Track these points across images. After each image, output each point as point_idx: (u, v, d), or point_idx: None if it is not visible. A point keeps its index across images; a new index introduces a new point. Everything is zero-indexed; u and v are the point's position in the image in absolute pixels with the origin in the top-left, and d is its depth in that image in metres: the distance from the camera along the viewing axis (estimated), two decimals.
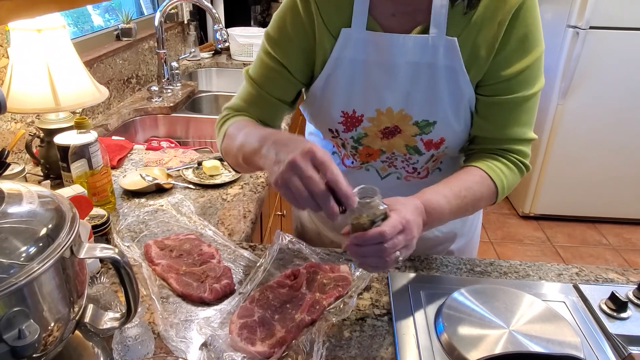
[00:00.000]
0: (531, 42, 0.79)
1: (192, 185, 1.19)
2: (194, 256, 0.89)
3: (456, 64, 0.79)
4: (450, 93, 0.82)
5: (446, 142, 0.86)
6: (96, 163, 1.04)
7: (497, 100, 0.82)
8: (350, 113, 0.87)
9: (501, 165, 0.85)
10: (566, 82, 2.67)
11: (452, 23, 0.78)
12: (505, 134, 0.85)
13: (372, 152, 0.92)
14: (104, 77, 1.74)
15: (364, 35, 0.81)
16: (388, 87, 0.83)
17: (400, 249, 0.68)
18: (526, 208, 3.08)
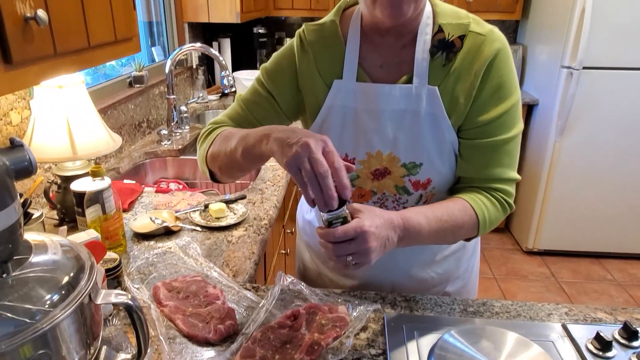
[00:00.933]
0: (505, 90, 0.86)
1: (198, 228, 1.25)
2: (200, 297, 0.94)
3: (437, 110, 0.87)
4: (434, 137, 0.88)
5: (433, 182, 0.93)
6: (109, 208, 1.10)
7: (477, 143, 0.89)
8: (343, 156, 0.93)
9: (485, 200, 0.90)
10: (562, 120, 2.75)
11: (433, 74, 0.86)
12: (488, 175, 0.90)
13: (364, 193, 0.98)
14: (117, 122, 1.83)
15: (354, 86, 0.90)
16: (377, 132, 0.90)
17: (351, 254, 0.73)
18: (530, 243, 3.09)
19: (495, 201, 0.91)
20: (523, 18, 3.26)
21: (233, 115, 0.99)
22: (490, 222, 0.90)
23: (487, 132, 0.88)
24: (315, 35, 0.93)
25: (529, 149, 3.12)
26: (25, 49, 0.77)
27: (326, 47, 0.92)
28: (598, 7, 2.52)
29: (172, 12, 2.62)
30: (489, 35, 0.85)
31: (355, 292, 0.99)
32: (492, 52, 0.84)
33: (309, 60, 0.92)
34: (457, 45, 0.85)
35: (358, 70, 0.90)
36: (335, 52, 0.91)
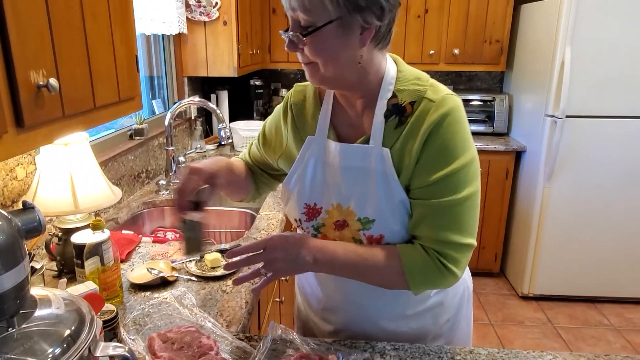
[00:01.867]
0: (450, 152, 0.88)
1: (194, 278, 1.28)
2: (193, 348, 0.96)
3: (388, 169, 0.93)
4: (385, 195, 0.94)
5: (385, 238, 0.96)
6: (107, 259, 1.14)
7: (423, 204, 0.91)
8: (311, 205, 1.02)
9: (421, 255, 0.91)
10: (550, 167, 2.83)
11: (387, 136, 0.94)
12: (434, 236, 0.90)
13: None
14: (117, 174, 1.89)
15: (323, 142, 1.00)
16: (337, 186, 0.98)
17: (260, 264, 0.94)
18: (525, 288, 3.10)
19: (434, 261, 0.90)
20: (508, 69, 3.43)
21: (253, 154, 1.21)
22: (421, 277, 0.91)
23: (433, 193, 0.90)
24: (300, 96, 1.06)
25: (519, 195, 3.19)
26: (37, 114, 0.83)
27: (306, 106, 1.04)
28: (577, 59, 2.67)
29: (172, 67, 2.75)
30: (439, 102, 0.89)
31: (346, 341, 1.02)
32: (438, 117, 0.88)
33: (291, 119, 1.05)
34: (408, 110, 0.92)
35: (330, 128, 1.00)
36: (312, 111, 1.03)
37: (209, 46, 2.71)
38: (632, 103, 2.73)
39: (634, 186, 2.85)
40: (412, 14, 3.24)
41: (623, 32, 2.63)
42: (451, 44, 3.30)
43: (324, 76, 0.90)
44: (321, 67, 0.89)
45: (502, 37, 3.26)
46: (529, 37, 3.13)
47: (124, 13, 1.13)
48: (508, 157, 3.15)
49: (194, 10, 2.60)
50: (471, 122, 3.32)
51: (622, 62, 2.67)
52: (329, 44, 0.86)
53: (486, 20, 3.25)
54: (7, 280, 0.54)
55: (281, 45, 3.36)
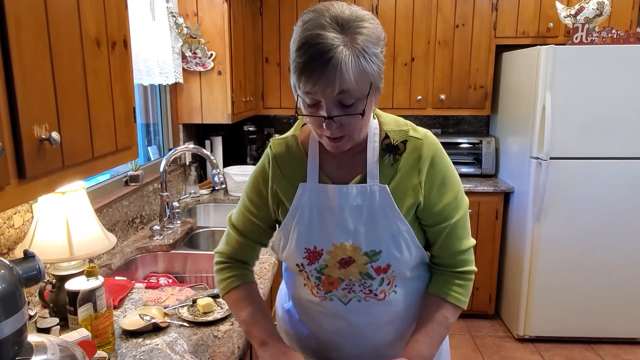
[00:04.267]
0: (449, 181, 1.03)
1: (186, 324, 1.29)
2: None
3: (389, 204, 1.00)
4: (388, 227, 1.01)
5: (392, 267, 1.04)
6: (100, 306, 1.15)
7: (438, 229, 1.04)
8: (312, 249, 1.05)
9: (453, 283, 1.07)
10: (537, 207, 2.89)
11: (383, 173, 1.01)
12: (453, 250, 1.06)
13: (333, 281, 1.07)
14: (112, 220, 1.92)
15: (317, 187, 1.04)
16: (339, 226, 1.02)
17: None
18: (520, 330, 3.08)
19: (461, 276, 1.07)
20: (493, 113, 3.55)
21: (232, 243, 1.16)
22: (465, 296, 1.08)
23: (444, 218, 1.03)
24: (280, 148, 1.09)
25: (509, 235, 3.23)
26: (38, 165, 0.87)
27: (290, 156, 1.08)
28: (557, 104, 2.78)
29: (168, 114, 2.83)
30: (425, 139, 1.02)
31: None
32: (430, 154, 1.01)
33: (278, 170, 1.08)
34: (400, 148, 1.02)
35: (319, 173, 1.05)
36: (298, 160, 1.07)
37: (204, 94, 2.80)
38: (612, 145, 2.82)
39: (621, 225, 2.90)
40: (399, 62, 3.39)
41: (599, 80, 2.76)
42: (437, 89, 3.43)
43: (354, 143, 0.98)
44: (356, 135, 0.95)
45: (486, 83, 3.40)
46: (511, 83, 3.27)
47: (124, 68, 1.20)
48: (497, 198, 3.21)
49: (190, 60, 2.71)
50: (460, 164, 3.42)
51: (600, 107, 2.79)
52: (369, 111, 0.93)
53: (470, 67, 3.40)
54: (7, 327, 0.56)
55: (274, 92, 3.48)
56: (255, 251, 1.18)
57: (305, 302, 1.14)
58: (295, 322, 1.22)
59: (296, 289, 1.16)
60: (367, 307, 1.09)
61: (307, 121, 0.96)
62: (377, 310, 1.09)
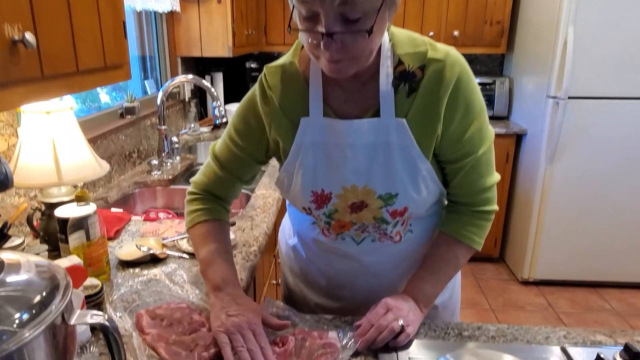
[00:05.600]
0: (474, 109, 0.87)
1: (186, 255, 1.22)
2: (184, 325, 0.90)
3: (407, 141, 0.86)
4: (406, 167, 0.88)
5: (409, 209, 0.93)
6: (93, 234, 1.07)
7: (461, 164, 0.90)
8: (319, 192, 0.93)
9: (469, 223, 0.96)
10: (551, 149, 2.77)
11: (399, 105, 0.86)
12: (474, 189, 0.94)
13: (344, 224, 0.98)
14: (107, 152, 1.82)
15: (321, 121, 0.89)
16: (349, 167, 0.89)
17: (393, 320, 0.85)
18: (525, 273, 3.06)
19: (479, 215, 0.96)
20: (508, 51, 3.35)
21: (210, 175, 1.03)
22: (480, 237, 0.97)
23: (467, 152, 0.90)
24: (277, 77, 0.92)
25: (520, 178, 3.13)
26: (11, 70, 0.76)
27: (289, 87, 0.91)
28: (579, 40, 2.60)
29: (165, 46, 2.66)
30: (447, 60, 0.84)
31: (346, 317, 0.96)
32: (454, 77, 0.84)
33: (273, 104, 0.91)
34: (417, 75, 0.85)
35: (324, 107, 0.89)
36: (298, 91, 0.90)
37: (203, 25, 2.62)
38: (635, 85, 2.67)
39: (636, 169, 2.79)
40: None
41: (626, 12, 2.56)
42: (451, 25, 3.22)
43: (360, 68, 0.80)
44: (362, 59, 0.78)
45: (503, 17, 3.19)
46: (530, 18, 3.06)
47: None
48: (509, 140, 3.09)
49: None
50: None
51: (625, 42, 2.61)
52: (379, 31, 0.76)
53: (487, 1, 3.17)
54: None
55: (277, 27, 3.27)
56: (233, 188, 1.05)
57: (314, 241, 1.06)
58: (302, 260, 1.13)
59: (303, 226, 1.08)
60: (381, 247, 1.00)
61: (301, 39, 0.79)
62: (391, 250, 1.01)
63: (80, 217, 1.06)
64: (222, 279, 0.92)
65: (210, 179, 1.03)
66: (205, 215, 1.01)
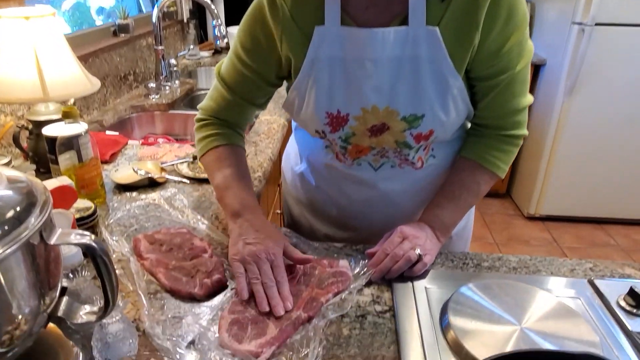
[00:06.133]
0: (516, 17, 0.75)
1: (186, 180, 1.15)
2: (184, 250, 0.84)
3: (439, 54, 0.75)
4: (436, 85, 0.78)
5: (435, 133, 0.84)
6: (85, 155, 1.00)
7: (496, 81, 0.80)
8: (335, 113, 0.83)
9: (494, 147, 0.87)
10: (571, 80, 2.62)
11: (431, 12, 0.73)
12: (506, 112, 0.84)
13: (362, 149, 0.89)
14: (100, 72, 1.70)
15: (339, 31, 0.76)
16: (370, 85, 0.79)
17: (410, 249, 0.78)
18: (532, 209, 3.02)
19: (506, 140, 0.88)
20: None
21: (219, 100, 0.93)
22: (505, 164, 0.89)
23: (504, 68, 0.79)
24: None
25: (535, 112, 3.00)
26: None
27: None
28: None
29: None
30: None
31: (358, 245, 0.90)
32: None
33: (283, 14, 0.79)
34: None
35: (342, 15, 0.76)
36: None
37: None
38: None
39: None
40: None
41: None
42: None
43: None
44: None
45: None
46: None
47: None
48: None
49: None
50: None
51: None
52: None
53: None
54: None
55: None
56: (246, 112, 0.95)
57: (326, 167, 0.97)
58: (310, 189, 1.05)
59: (314, 151, 0.98)
60: (400, 174, 0.92)
61: None
62: (411, 177, 0.93)
63: (69, 136, 0.97)
64: (240, 204, 0.85)
65: (219, 104, 0.93)
66: (218, 141, 0.93)
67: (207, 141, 0.93)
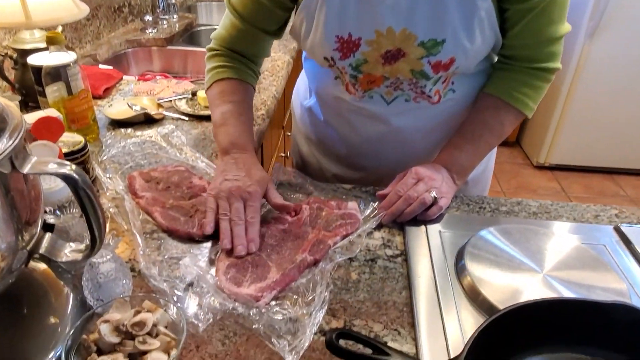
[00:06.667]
0: None
1: (184, 117, 1.08)
2: (182, 189, 0.79)
3: None
4: (460, 5, 0.69)
5: (457, 62, 0.75)
6: (75, 87, 0.92)
7: (531, 4, 0.70)
8: (345, 37, 0.75)
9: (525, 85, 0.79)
10: (594, 21, 2.46)
11: None
12: (540, 38, 0.75)
13: (375, 79, 0.81)
14: (92, 1, 1.58)
15: None
16: (386, 3, 0.70)
17: (425, 192, 0.72)
18: (541, 158, 2.95)
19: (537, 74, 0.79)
20: None
21: (231, 30, 0.85)
22: (534, 102, 0.81)
23: None
24: None
25: None
26: None
27: None
28: None
29: None
30: None
31: (367, 187, 0.84)
32: None
33: None
34: None
35: None
36: None
37: None
38: None
39: None
40: None
41: None
42: None
43: None
44: None
45: None
46: None
47: None
48: None
49: None
50: None
51: None
52: None
53: None
54: None
55: None
56: (259, 42, 0.87)
57: (335, 100, 0.89)
58: (319, 124, 0.98)
59: (323, 82, 0.90)
60: (415, 109, 0.84)
61: None
62: (427, 112, 0.85)
63: (57, 65, 0.89)
64: (230, 142, 0.79)
65: (231, 34, 0.85)
66: (226, 74, 0.85)
67: (215, 72, 0.86)
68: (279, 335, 0.54)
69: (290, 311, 0.56)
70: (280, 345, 0.53)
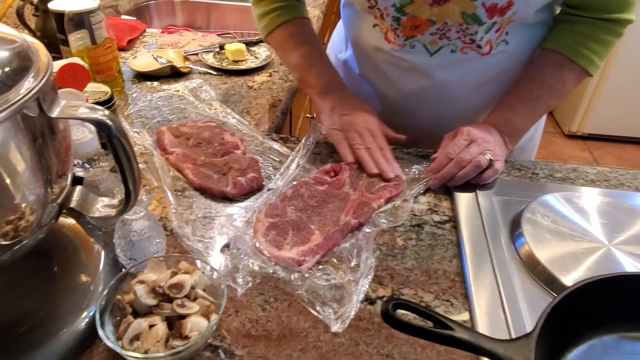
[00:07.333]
0: None
1: (212, 71, 1.02)
2: (214, 145, 0.74)
3: None
4: None
5: (515, 5, 0.67)
6: (99, 36, 0.87)
7: None
8: None
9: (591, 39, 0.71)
10: None
11: None
12: None
13: (419, 24, 0.73)
14: None
15: None
16: None
17: (479, 154, 0.66)
18: (573, 127, 2.82)
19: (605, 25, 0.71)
20: None
21: None
22: (601, 58, 0.73)
23: None
24: None
25: None
26: None
27: None
28: None
29: None
30: None
31: (410, 149, 0.79)
32: None
33: None
34: None
35: None
36: None
37: None
38: None
39: None
40: None
41: None
42: None
43: None
44: None
45: None
46: None
47: None
48: None
49: None
50: None
51: None
52: None
53: None
54: None
55: None
56: None
57: (373, 51, 0.82)
58: (354, 78, 0.91)
59: (360, 31, 0.83)
60: (462, 61, 0.76)
61: None
62: (476, 65, 0.77)
63: (79, 11, 0.84)
64: (327, 81, 0.80)
65: None
66: (284, 16, 0.83)
67: (272, 17, 0.83)
68: (324, 302, 0.50)
69: (335, 277, 0.52)
70: (326, 313, 0.49)
